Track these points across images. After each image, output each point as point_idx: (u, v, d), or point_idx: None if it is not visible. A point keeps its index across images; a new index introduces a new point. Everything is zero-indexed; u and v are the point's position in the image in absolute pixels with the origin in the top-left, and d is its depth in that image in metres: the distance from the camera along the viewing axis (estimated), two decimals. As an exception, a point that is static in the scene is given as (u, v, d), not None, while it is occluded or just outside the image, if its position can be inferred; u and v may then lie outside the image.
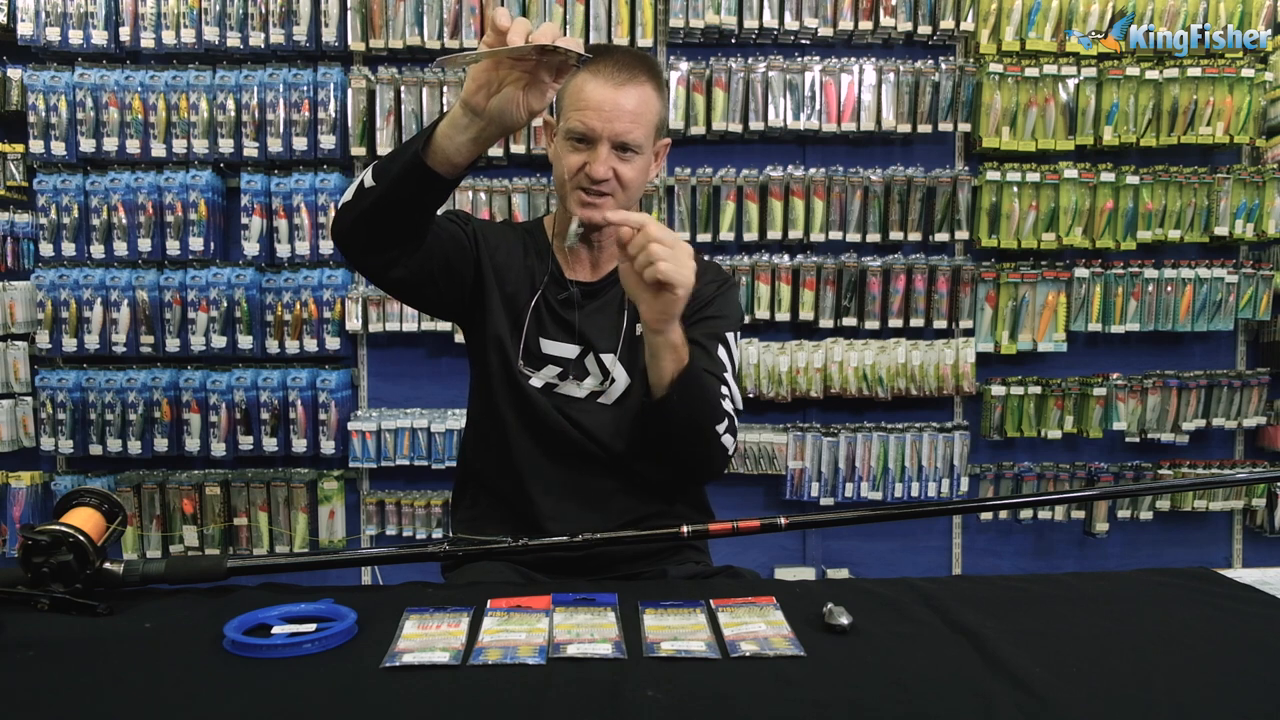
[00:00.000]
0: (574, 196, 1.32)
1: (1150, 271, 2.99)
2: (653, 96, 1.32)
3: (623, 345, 1.39)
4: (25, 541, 0.99)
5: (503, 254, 1.40)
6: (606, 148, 1.29)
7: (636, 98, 1.29)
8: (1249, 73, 2.93)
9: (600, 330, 1.39)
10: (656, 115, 1.34)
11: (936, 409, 3.08)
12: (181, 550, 2.93)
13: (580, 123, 1.28)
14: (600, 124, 1.28)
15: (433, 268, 1.30)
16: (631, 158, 1.31)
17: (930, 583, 1.10)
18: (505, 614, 0.96)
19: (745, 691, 0.79)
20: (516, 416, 1.38)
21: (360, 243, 1.25)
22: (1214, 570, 1.17)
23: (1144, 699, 0.79)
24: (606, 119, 1.28)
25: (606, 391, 1.39)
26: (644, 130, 1.31)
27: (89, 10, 2.83)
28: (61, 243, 2.88)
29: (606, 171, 1.29)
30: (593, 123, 1.28)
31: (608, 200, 1.31)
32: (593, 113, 1.28)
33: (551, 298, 1.40)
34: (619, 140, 1.29)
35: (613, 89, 1.28)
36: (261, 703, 0.78)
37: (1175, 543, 3.14)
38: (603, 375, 1.39)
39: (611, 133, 1.28)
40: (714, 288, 1.42)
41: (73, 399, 2.87)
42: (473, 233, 1.38)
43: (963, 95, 2.94)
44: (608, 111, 1.28)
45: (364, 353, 3.02)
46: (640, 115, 1.30)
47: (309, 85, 2.87)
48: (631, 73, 1.30)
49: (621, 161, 1.30)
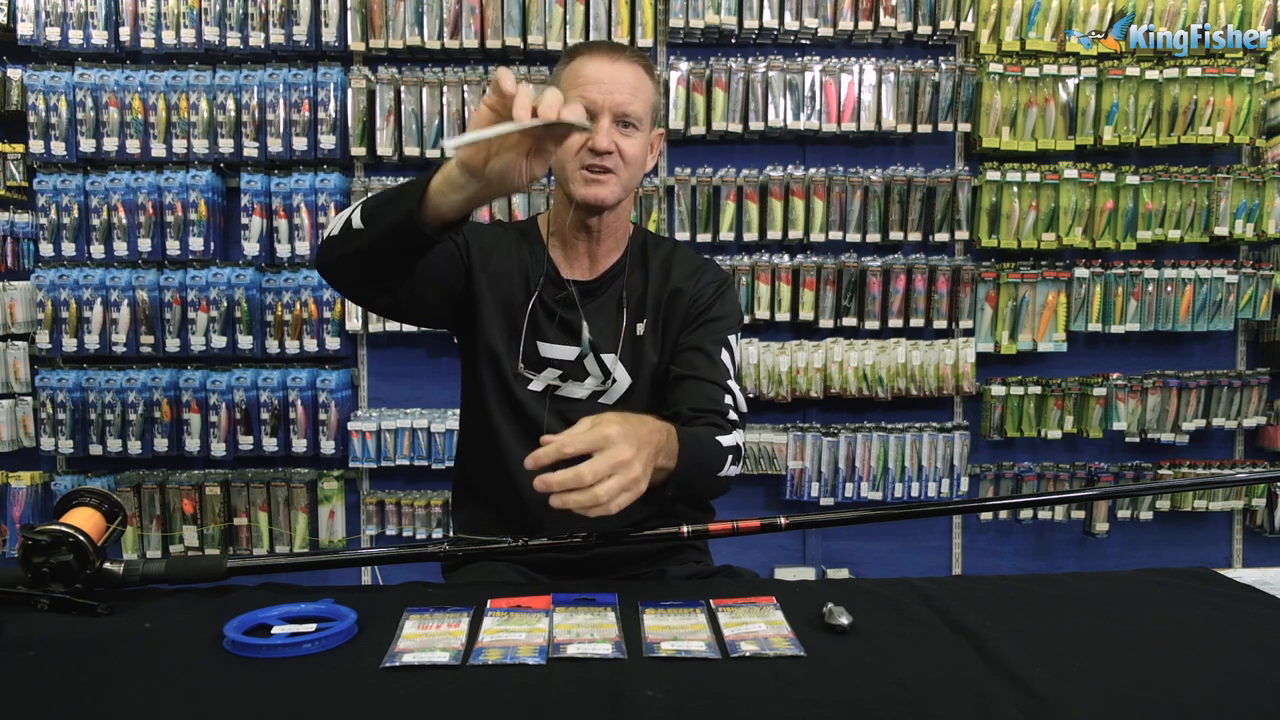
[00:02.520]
0: (578, 176, 1.31)
1: (1150, 271, 2.99)
2: (646, 78, 1.34)
3: (623, 345, 1.38)
4: (25, 541, 0.99)
5: (496, 258, 1.38)
6: (608, 119, 1.29)
7: (632, 74, 1.31)
8: (1249, 73, 2.93)
9: (600, 330, 1.38)
10: (653, 96, 1.35)
11: (936, 409, 3.08)
12: (181, 550, 2.93)
13: (581, 97, 1.28)
14: (601, 96, 1.28)
15: (422, 290, 1.27)
16: (632, 133, 1.31)
17: (930, 583, 1.09)
18: (505, 614, 0.96)
19: (745, 691, 0.79)
20: (510, 425, 1.37)
21: (347, 281, 1.21)
22: (1214, 570, 1.17)
23: (1144, 699, 0.79)
24: (607, 91, 1.28)
25: (608, 391, 1.38)
26: (643, 105, 1.32)
27: (89, 10, 2.83)
28: (61, 243, 2.88)
29: (610, 143, 1.28)
30: (593, 95, 1.28)
31: (611, 178, 1.30)
32: (593, 86, 1.28)
33: (549, 298, 1.39)
34: (620, 111, 1.29)
35: (609, 63, 1.30)
36: (261, 703, 0.78)
37: (1175, 543, 3.14)
38: (604, 375, 1.38)
39: (613, 104, 1.28)
40: (713, 289, 1.42)
41: (73, 399, 2.87)
42: (464, 242, 1.36)
43: (963, 95, 2.94)
44: (607, 84, 1.29)
45: (364, 353, 3.02)
46: (638, 89, 1.31)
47: (309, 85, 2.87)
48: (623, 53, 1.33)
49: (623, 135, 1.30)
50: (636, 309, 1.40)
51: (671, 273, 1.42)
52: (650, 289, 1.41)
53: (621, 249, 1.43)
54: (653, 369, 1.39)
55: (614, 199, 1.32)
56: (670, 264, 1.43)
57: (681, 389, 1.33)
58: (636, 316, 1.39)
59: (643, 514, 1.38)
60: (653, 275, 1.42)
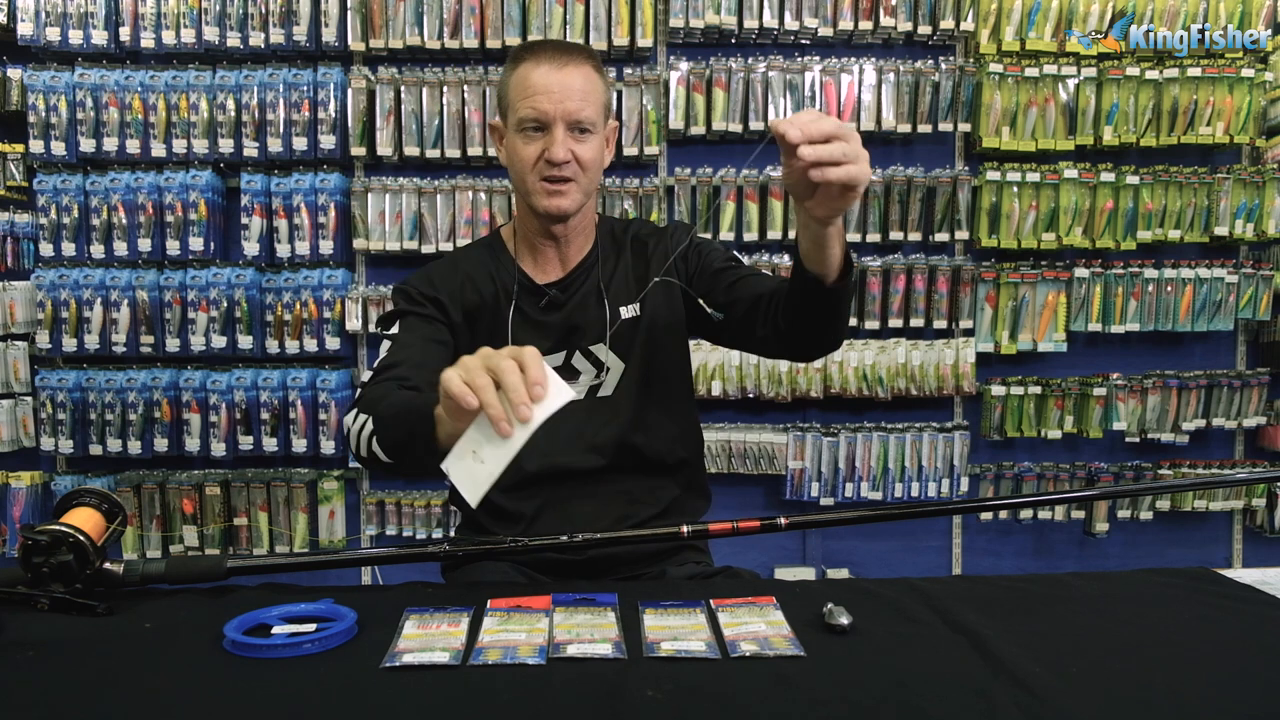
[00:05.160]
0: (538, 189, 1.31)
1: (1150, 271, 2.99)
2: (595, 77, 1.32)
3: (610, 332, 1.38)
4: (25, 541, 0.99)
5: (468, 295, 1.38)
6: (562, 129, 1.28)
7: (581, 77, 1.29)
8: (1249, 73, 2.93)
9: (585, 323, 1.38)
10: (603, 94, 1.34)
11: (936, 409, 3.08)
12: (181, 550, 2.93)
13: (532, 109, 1.28)
14: (552, 106, 1.27)
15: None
16: (587, 138, 1.30)
17: (930, 583, 1.09)
18: (505, 614, 0.96)
19: (745, 691, 0.79)
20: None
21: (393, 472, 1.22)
22: (1214, 570, 1.17)
23: (1144, 699, 0.79)
24: (558, 100, 1.27)
25: (604, 383, 1.39)
26: (594, 108, 1.31)
27: (89, 10, 2.83)
28: (61, 243, 2.88)
29: (566, 153, 1.28)
30: (544, 105, 1.27)
31: (571, 186, 1.30)
32: (542, 96, 1.27)
33: (530, 310, 1.38)
34: (572, 119, 1.28)
35: (557, 70, 1.28)
36: (261, 703, 0.78)
37: (1175, 543, 3.14)
38: (596, 368, 1.38)
39: (564, 113, 1.27)
40: (689, 241, 1.42)
41: (73, 399, 2.87)
42: (442, 309, 1.36)
43: (963, 95, 2.94)
44: (557, 93, 1.27)
45: (364, 353, 3.02)
46: (589, 93, 1.30)
47: (309, 85, 2.87)
48: (570, 55, 1.30)
49: (578, 142, 1.30)
50: (616, 295, 1.40)
51: (645, 245, 1.43)
52: (631, 271, 1.42)
53: (591, 242, 1.43)
54: (642, 349, 1.39)
55: (576, 207, 1.32)
56: (639, 238, 1.44)
57: (763, 295, 1.29)
58: (619, 301, 1.40)
59: (643, 515, 1.39)
60: (625, 257, 1.43)
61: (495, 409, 0.86)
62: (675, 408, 1.43)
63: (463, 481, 0.90)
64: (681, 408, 1.44)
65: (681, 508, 1.42)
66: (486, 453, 0.88)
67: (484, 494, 0.89)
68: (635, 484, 1.39)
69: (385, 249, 2.91)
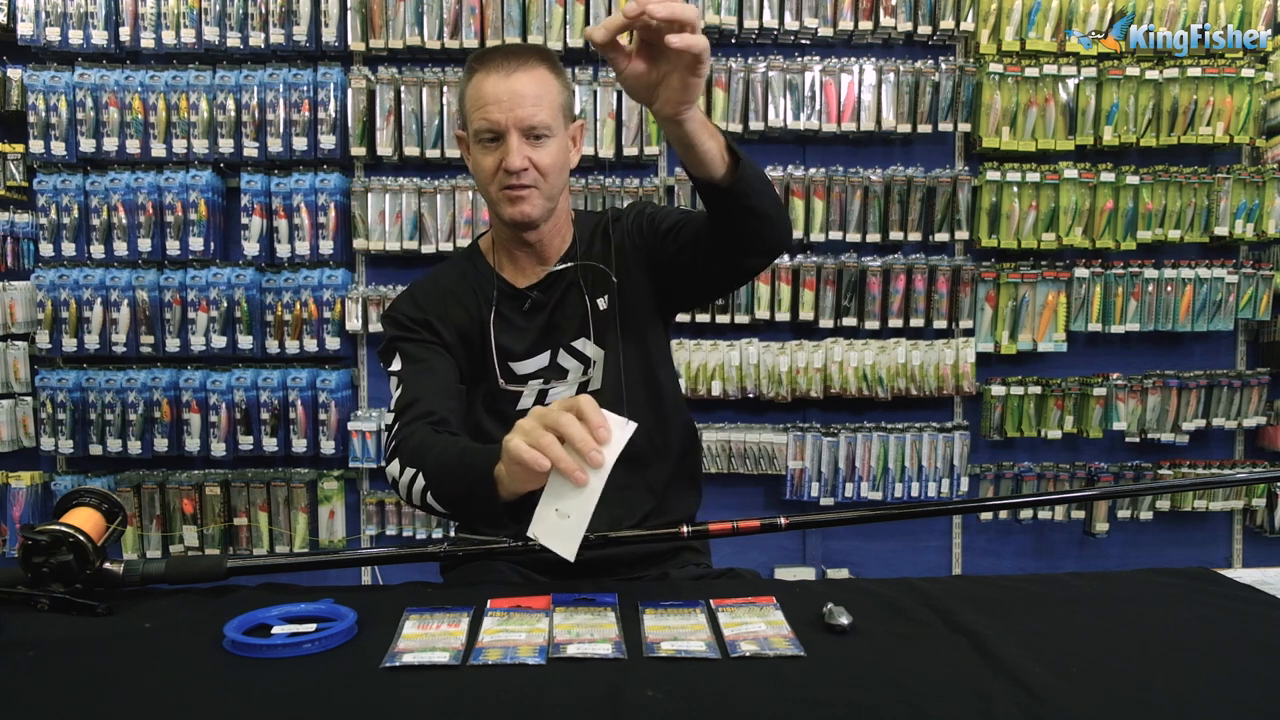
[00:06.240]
0: (500, 198, 1.30)
1: (1150, 271, 2.99)
2: (549, 78, 1.30)
3: (592, 325, 1.37)
4: (25, 541, 0.99)
5: (454, 312, 1.38)
6: (516, 137, 1.26)
7: (533, 82, 1.27)
8: (1249, 73, 2.93)
9: (567, 321, 1.38)
10: (559, 96, 1.32)
11: (936, 409, 3.08)
12: (181, 550, 2.93)
13: (484, 120, 1.27)
14: (503, 115, 1.26)
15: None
16: (544, 143, 1.29)
17: (930, 583, 1.09)
18: (505, 614, 0.96)
19: (745, 691, 0.79)
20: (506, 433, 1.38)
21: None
22: (1214, 570, 1.17)
23: (1144, 699, 0.79)
24: (508, 109, 1.26)
25: (593, 378, 1.39)
26: (549, 112, 1.28)
27: (89, 10, 2.83)
28: (61, 243, 2.88)
29: (523, 161, 1.27)
30: (495, 116, 1.26)
31: (532, 193, 1.29)
32: (493, 106, 1.26)
33: (513, 315, 1.38)
34: (525, 126, 1.27)
35: (505, 78, 1.27)
36: (261, 703, 0.78)
37: (1175, 543, 3.14)
38: (582, 364, 1.38)
39: (516, 120, 1.26)
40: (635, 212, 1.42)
41: (73, 399, 2.87)
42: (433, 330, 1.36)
43: (963, 95, 2.94)
44: (506, 101, 1.26)
45: (364, 353, 3.02)
46: (541, 97, 1.28)
47: (309, 85, 2.87)
48: (521, 59, 1.29)
49: (535, 148, 1.28)
50: (593, 287, 1.39)
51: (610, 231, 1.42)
52: (605, 262, 1.41)
53: (569, 241, 1.42)
54: (621, 336, 1.38)
55: (540, 212, 1.31)
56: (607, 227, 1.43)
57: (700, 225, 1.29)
58: (597, 292, 1.39)
59: (643, 513, 1.39)
60: (598, 249, 1.42)
61: (567, 462, 0.89)
62: (660, 392, 1.42)
63: (554, 542, 0.92)
64: (666, 391, 1.43)
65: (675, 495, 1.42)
66: (568, 505, 0.91)
67: (578, 546, 0.91)
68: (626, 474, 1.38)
69: (385, 249, 2.91)
